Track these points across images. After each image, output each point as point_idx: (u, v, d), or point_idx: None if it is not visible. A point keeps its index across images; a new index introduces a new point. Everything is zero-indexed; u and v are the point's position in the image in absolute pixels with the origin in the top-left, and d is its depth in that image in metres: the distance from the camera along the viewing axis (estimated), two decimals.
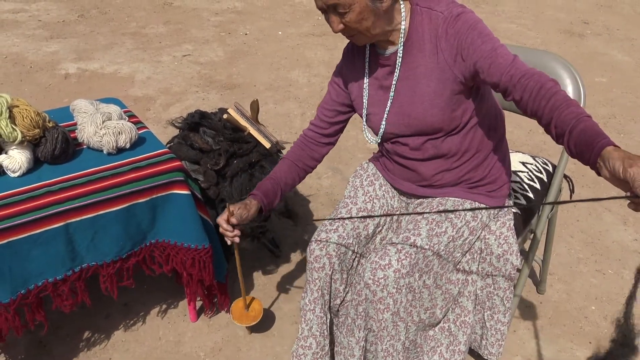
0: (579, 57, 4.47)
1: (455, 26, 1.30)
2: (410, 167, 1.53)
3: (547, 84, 1.17)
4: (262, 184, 1.57)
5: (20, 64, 4.00)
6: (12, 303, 1.52)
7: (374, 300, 1.38)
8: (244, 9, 5.27)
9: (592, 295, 2.19)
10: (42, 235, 1.51)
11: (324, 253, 1.50)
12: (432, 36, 1.34)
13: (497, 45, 1.26)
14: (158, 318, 2.04)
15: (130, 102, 3.50)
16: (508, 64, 1.23)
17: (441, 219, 1.46)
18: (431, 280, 1.45)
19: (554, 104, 1.14)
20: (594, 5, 5.77)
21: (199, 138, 1.95)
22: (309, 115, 3.46)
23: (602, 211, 2.68)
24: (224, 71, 4.02)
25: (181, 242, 1.76)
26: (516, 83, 1.20)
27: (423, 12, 1.35)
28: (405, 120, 1.43)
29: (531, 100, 1.18)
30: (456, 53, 1.31)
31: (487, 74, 1.25)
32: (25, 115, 1.59)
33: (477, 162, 1.50)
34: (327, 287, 1.53)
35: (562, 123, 1.11)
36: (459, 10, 1.31)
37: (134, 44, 4.40)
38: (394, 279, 1.36)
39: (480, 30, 1.28)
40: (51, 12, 5.00)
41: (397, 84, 1.42)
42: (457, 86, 1.35)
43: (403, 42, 1.37)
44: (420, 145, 1.47)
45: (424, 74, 1.37)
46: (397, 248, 1.39)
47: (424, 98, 1.38)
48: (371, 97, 1.49)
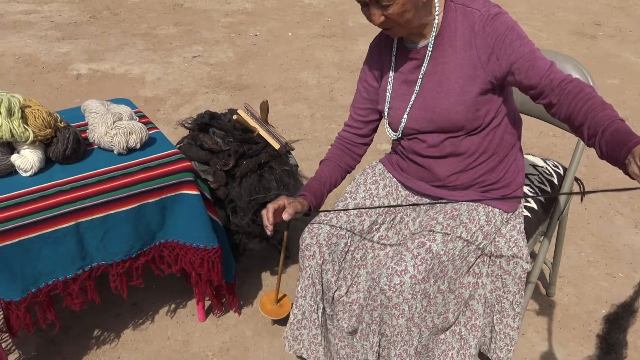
0: (590, 58, 4.44)
1: (493, 25, 1.31)
2: (426, 166, 1.52)
3: (586, 89, 1.22)
4: (310, 185, 1.58)
5: (33, 65, 4.03)
6: (23, 301, 1.54)
7: (389, 306, 1.38)
8: (254, 10, 5.28)
9: (603, 299, 2.18)
10: (52, 235, 1.52)
11: (314, 242, 1.51)
12: (467, 33, 1.35)
13: (535, 49, 1.30)
14: (167, 318, 2.04)
15: (140, 103, 3.52)
16: (547, 68, 1.27)
17: (456, 224, 1.46)
18: (445, 285, 1.44)
19: (590, 107, 1.18)
20: (606, 6, 5.73)
21: (208, 139, 1.96)
22: (318, 117, 3.46)
23: (613, 214, 2.66)
24: (234, 72, 4.03)
25: (190, 242, 1.77)
26: (555, 87, 1.24)
27: (457, 9, 1.37)
28: (429, 115, 1.43)
29: (567, 103, 1.22)
30: (491, 52, 1.33)
31: (525, 76, 1.29)
32: (37, 116, 1.60)
33: (493, 164, 1.50)
34: (317, 275, 1.53)
35: (596, 124, 1.15)
36: (497, 10, 1.33)
37: (145, 45, 4.43)
38: (410, 285, 1.35)
39: (519, 33, 1.31)
40: (63, 13, 5.04)
41: (423, 78, 1.43)
42: (486, 85, 1.37)
43: (434, 36, 1.39)
44: (439, 143, 1.46)
45: (452, 69, 1.38)
46: (412, 254, 1.39)
47: (450, 94, 1.39)
48: (394, 91, 1.49)
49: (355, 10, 5.28)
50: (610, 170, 3.00)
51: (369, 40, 4.61)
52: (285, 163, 2.00)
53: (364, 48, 4.47)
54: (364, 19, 1.40)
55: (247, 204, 1.88)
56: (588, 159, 3.09)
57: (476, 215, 1.49)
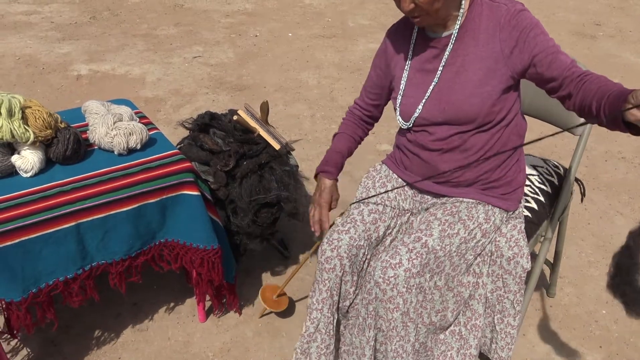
0: (591, 59, 4.43)
1: (519, 19, 1.36)
2: (430, 161, 1.52)
3: (602, 77, 1.25)
4: (331, 157, 1.67)
5: (33, 65, 4.03)
6: (24, 301, 1.54)
7: (383, 299, 1.38)
8: (255, 11, 5.28)
9: (603, 299, 2.18)
10: (53, 235, 1.52)
11: (335, 254, 1.50)
12: (491, 26, 1.38)
13: (557, 45, 1.35)
14: (167, 318, 2.04)
15: (141, 103, 3.52)
16: (570, 62, 1.31)
17: (454, 220, 1.46)
18: (442, 281, 1.45)
19: (600, 86, 1.22)
20: (606, 6, 5.73)
21: (209, 139, 1.96)
22: (319, 117, 3.46)
23: (613, 214, 2.66)
24: (234, 72, 4.03)
25: (190, 242, 1.77)
26: (575, 78, 1.28)
27: (484, 3, 1.40)
28: (442, 106, 1.44)
29: (583, 89, 1.26)
30: (514, 45, 1.36)
31: (547, 68, 1.32)
32: (37, 116, 1.60)
33: (496, 163, 1.50)
34: (336, 288, 1.53)
35: (603, 94, 1.18)
36: (521, 7, 1.38)
37: (145, 46, 4.43)
38: (404, 278, 1.36)
39: (543, 29, 1.36)
40: (64, 14, 5.04)
41: (443, 68, 1.44)
42: (505, 80, 1.39)
43: (458, 28, 1.40)
44: (447, 137, 1.47)
45: (472, 61, 1.40)
46: (408, 248, 1.39)
47: (467, 85, 1.40)
48: (410, 80, 1.50)
49: (355, 11, 5.28)
50: (611, 171, 3.00)
51: (369, 41, 4.61)
52: (285, 163, 2.00)
53: (364, 48, 4.48)
54: (364, 19, 1.40)
55: (247, 205, 1.88)
56: (588, 160, 3.09)
57: (475, 212, 1.49)
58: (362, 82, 1.72)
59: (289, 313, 2.08)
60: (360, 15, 5.19)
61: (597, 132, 3.34)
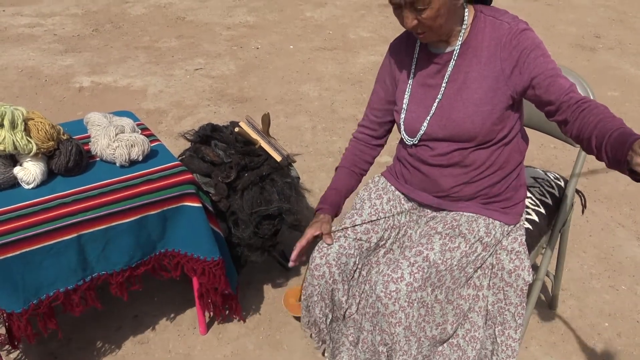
0: (591, 71, 4.45)
1: (520, 39, 1.34)
2: (430, 175, 1.52)
3: (601, 107, 1.23)
4: (327, 196, 1.64)
5: (36, 78, 4.06)
6: (25, 312, 1.54)
7: (385, 314, 1.38)
8: (256, 24, 5.32)
9: (606, 312, 2.17)
10: (54, 246, 1.52)
11: (324, 262, 1.50)
12: (493, 44, 1.37)
13: (557, 67, 1.33)
14: (168, 330, 2.04)
15: (142, 115, 3.54)
16: (568, 87, 1.29)
17: (454, 233, 1.46)
18: (443, 295, 1.44)
19: (600, 119, 1.20)
20: (605, 19, 5.76)
21: (210, 151, 1.96)
22: (320, 129, 3.47)
23: (615, 226, 2.66)
24: (236, 85, 4.05)
25: (191, 252, 1.77)
26: (572, 104, 1.26)
27: (487, 20, 1.39)
28: (443, 122, 1.44)
29: (580, 118, 1.24)
30: (515, 65, 1.35)
31: (545, 91, 1.31)
32: (40, 128, 1.61)
33: (497, 179, 1.50)
34: (327, 293, 1.53)
35: (604, 132, 1.17)
36: (524, 26, 1.37)
37: (147, 58, 4.45)
38: (406, 292, 1.35)
39: (544, 51, 1.35)
40: (66, 27, 5.08)
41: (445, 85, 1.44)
42: (506, 99, 1.38)
43: (460, 44, 1.40)
44: (447, 153, 1.47)
45: (474, 79, 1.40)
46: (409, 262, 1.39)
47: (468, 103, 1.40)
48: (412, 95, 1.50)
49: (356, 23, 5.31)
50: (612, 183, 3.00)
51: (370, 53, 4.64)
52: (286, 175, 2.00)
53: (364, 61, 4.50)
54: (365, 32, 1.41)
55: (248, 217, 1.88)
56: (589, 171, 3.09)
57: (476, 226, 1.49)
58: (363, 94, 1.72)
59: (291, 325, 2.07)
60: (361, 27, 5.22)
61: None
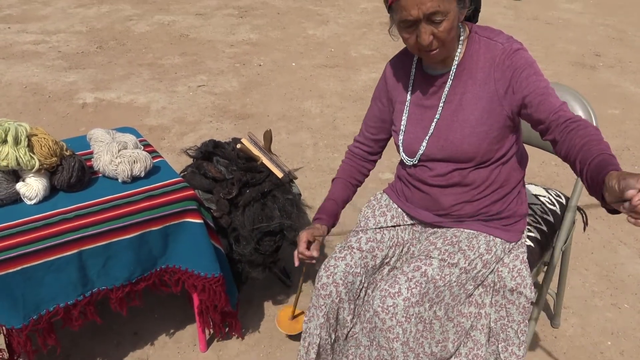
0: (591, 89, 4.47)
1: (513, 59, 1.34)
2: (431, 194, 1.53)
3: (589, 128, 1.21)
4: (325, 206, 1.66)
5: (40, 94, 4.08)
6: (25, 328, 1.53)
7: (383, 329, 1.37)
8: (259, 41, 5.36)
9: (608, 330, 2.15)
10: (55, 262, 1.52)
11: (331, 281, 1.50)
12: (488, 65, 1.38)
13: (550, 86, 1.33)
14: (168, 347, 2.02)
15: (145, 131, 3.55)
16: (558, 106, 1.28)
17: (454, 250, 1.46)
18: (442, 311, 1.44)
19: (585, 142, 1.18)
20: (605, 37, 5.80)
21: (212, 167, 1.97)
22: (321, 146, 3.48)
23: (617, 244, 2.65)
24: (238, 101, 4.07)
25: (192, 268, 1.77)
26: (561, 124, 1.25)
27: (481, 41, 1.40)
28: (440, 143, 1.45)
29: (568, 139, 1.22)
30: (508, 85, 1.35)
31: (536, 109, 1.30)
32: (43, 144, 1.62)
33: (497, 196, 1.51)
34: (333, 313, 1.52)
35: (586, 157, 1.15)
36: (518, 46, 1.37)
37: (150, 75, 4.49)
38: (403, 308, 1.35)
39: (537, 70, 1.34)
40: (71, 44, 5.13)
41: (443, 106, 1.44)
42: (503, 119, 1.39)
43: (456, 65, 1.41)
44: (446, 173, 1.47)
45: (470, 100, 1.40)
46: (407, 277, 1.39)
47: (465, 124, 1.41)
48: (410, 115, 1.51)
49: (358, 41, 5.36)
50: None
51: (371, 71, 4.67)
52: (288, 192, 2.01)
53: (366, 78, 4.53)
54: (367, 49, 1.42)
55: (249, 233, 1.88)
56: None
57: (476, 243, 1.49)
58: (364, 111, 1.72)
59: (291, 343, 2.05)
60: (363, 45, 5.26)
61: None
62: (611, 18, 6.48)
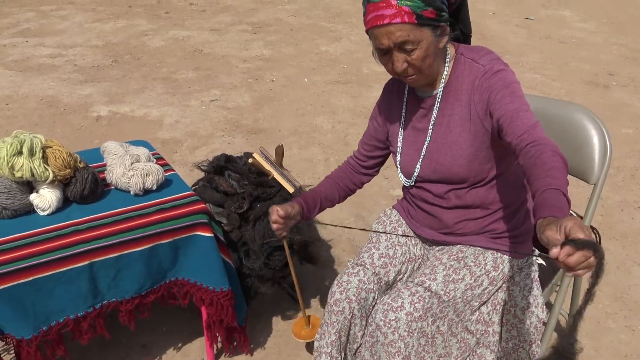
0: (604, 108, 4.45)
1: (491, 81, 1.32)
2: (434, 213, 1.52)
3: (544, 154, 1.12)
4: (304, 195, 1.63)
5: (55, 106, 4.14)
6: (34, 339, 1.54)
7: (385, 343, 1.36)
8: (272, 57, 5.41)
9: (622, 353, 2.11)
10: (66, 274, 1.53)
11: (344, 297, 1.49)
12: (470, 87, 1.37)
13: (523, 108, 1.25)
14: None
15: (158, 145, 3.58)
16: (525, 128, 1.20)
17: (459, 265, 1.45)
18: (446, 327, 1.42)
19: (537, 174, 1.09)
20: (619, 57, 5.79)
21: (223, 181, 1.98)
22: (333, 161, 3.49)
23: (630, 265, 2.62)
24: (250, 116, 4.10)
25: (201, 282, 1.77)
26: (523, 148, 1.17)
27: (466, 63, 1.39)
28: (433, 166, 1.45)
29: (527, 166, 1.15)
30: (486, 107, 1.33)
31: (505, 133, 1.25)
32: (57, 156, 1.64)
33: (502, 214, 1.49)
34: (345, 330, 1.52)
35: (533, 192, 1.09)
36: (500, 68, 1.33)
37: (164, 89, 4.54)
38: (406, 322, 1.34)
39: (513, 90, 1.29)
40: (87, 57, 5.21)
41: (432, 128, 1.44)
42: (488, 139, 1.37)
43: (443, 87, 1.41)
44: (443, 194, 1.47)
45: (457, 122, 1.40)
46: (410, 291, 1.38)
47: (454, 147, 1.40)
48: (405, 137, 1.51)
49: (370, 58, 5.37)
50: (627, 220, 2.96)
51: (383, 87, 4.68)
52: None
53: (378, 94, 4.52)
54: (378, 66, 1.43)
55: (259, 247, 1.88)
56: (604, 209, 3.06)
57: (483, 259, 1.47)
58: None
59: (300, 358, 2.04)
60: (375, 62, 5.27)
61: (612, 182, 3.32)
62: (625, 37, 6.46)
